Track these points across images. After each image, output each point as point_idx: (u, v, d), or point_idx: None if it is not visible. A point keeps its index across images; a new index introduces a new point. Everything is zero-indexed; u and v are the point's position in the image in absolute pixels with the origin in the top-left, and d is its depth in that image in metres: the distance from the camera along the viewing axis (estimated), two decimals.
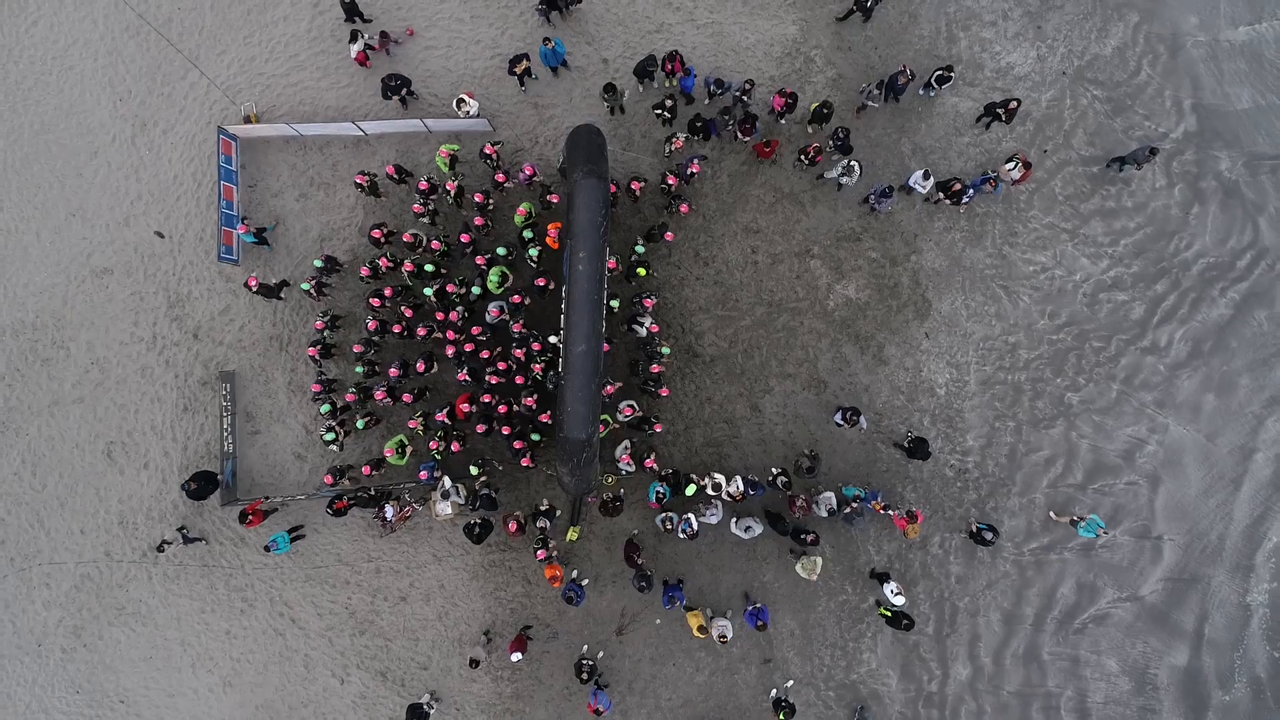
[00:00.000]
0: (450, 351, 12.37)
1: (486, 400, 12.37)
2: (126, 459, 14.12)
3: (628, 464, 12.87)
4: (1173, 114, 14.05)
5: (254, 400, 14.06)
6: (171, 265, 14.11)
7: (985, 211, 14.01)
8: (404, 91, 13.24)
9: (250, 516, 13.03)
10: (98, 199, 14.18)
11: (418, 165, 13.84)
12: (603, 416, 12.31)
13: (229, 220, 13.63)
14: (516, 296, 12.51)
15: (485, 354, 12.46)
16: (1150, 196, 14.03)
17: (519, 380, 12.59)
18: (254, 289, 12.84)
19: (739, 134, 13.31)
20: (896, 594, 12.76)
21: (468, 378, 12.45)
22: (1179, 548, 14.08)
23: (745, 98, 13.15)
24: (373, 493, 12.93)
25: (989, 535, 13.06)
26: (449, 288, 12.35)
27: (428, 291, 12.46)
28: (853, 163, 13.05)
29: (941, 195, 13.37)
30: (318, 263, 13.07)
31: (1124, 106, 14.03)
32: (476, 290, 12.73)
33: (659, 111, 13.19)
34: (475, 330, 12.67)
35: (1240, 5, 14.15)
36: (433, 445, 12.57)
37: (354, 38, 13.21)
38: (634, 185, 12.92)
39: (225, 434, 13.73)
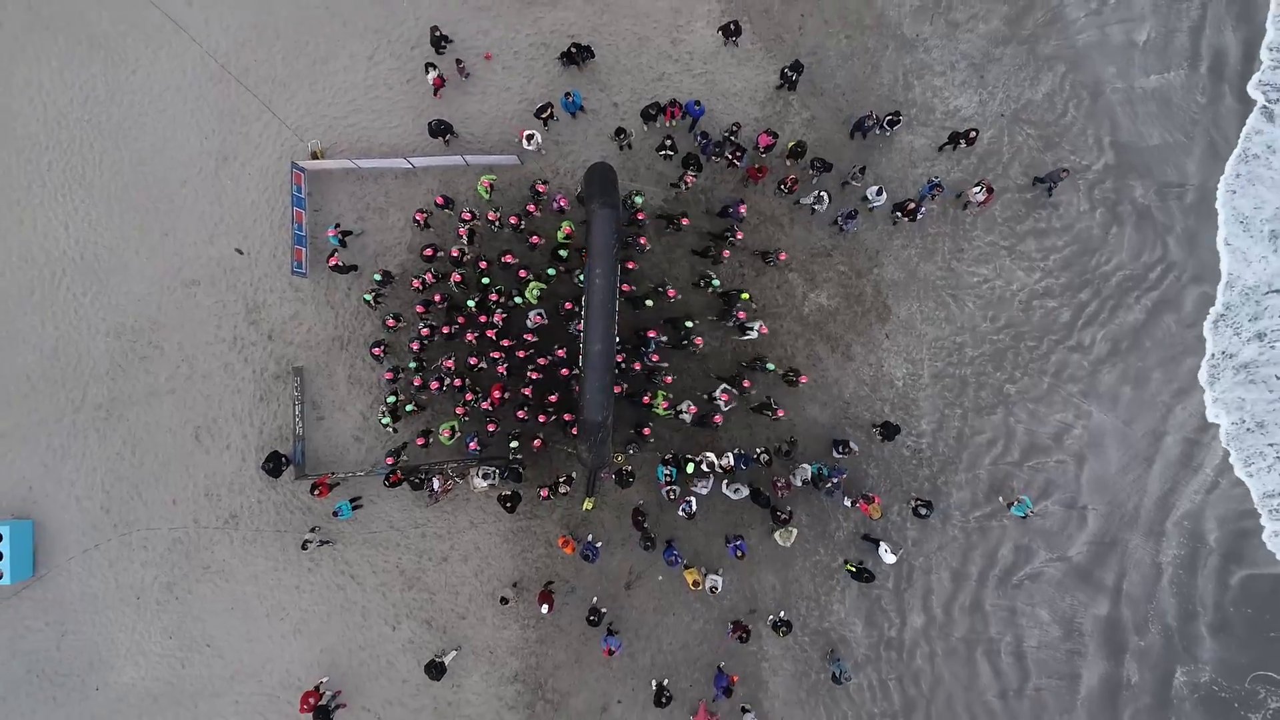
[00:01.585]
0: (495, 354, 15.11)
1: (527, 393, 15.02)
2: (211, 441, 16.72)
3: (726, 402, 15.35)
4: (1094, 149, 16.63)
5: (319, 391, 16.66)
6: (249, 277, 16.71)
7: (936, 231, 16.59)
8: (448, 134, 15.85)
9: (319, 489, 15.64)
10: (186, 221, 16.78)
11: (457, 193, 16.44)
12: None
13: (299, 240, 16.23)
14: (569, 303, 15.15)
15: (522, 354, 15.09)
16: (1076, 219, 16.62)
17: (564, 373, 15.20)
18: (332, 267, 15.59)
19: (731, 162, 15.90)
20: (888, 553, 15.38)
21: (506, 372, 15.07)
22: (1101, 516, 16.65)
23: (733, 136, 15.79)
24: (421, 476, 15.53)
25: (923, 510, 15.61)
26: (492, 296, 14.97)
27: (470, 303, 15.07)
28: (823, 192, 15.67)
29: (900, 215, 15.99)
30: (376, 276, 15.69)
31: (1053, 143, 16.61)
32: (518, 300, 15.34)
33: (662, 152, 15.79)
34: (509, 339, 15.37)
35: (1151, 56, 16.72)
36: (459, 410, 15.39)
37: (428, 69, 15.75)
38: (683, 220, 15.50)
39: (296, 420, 16.34)
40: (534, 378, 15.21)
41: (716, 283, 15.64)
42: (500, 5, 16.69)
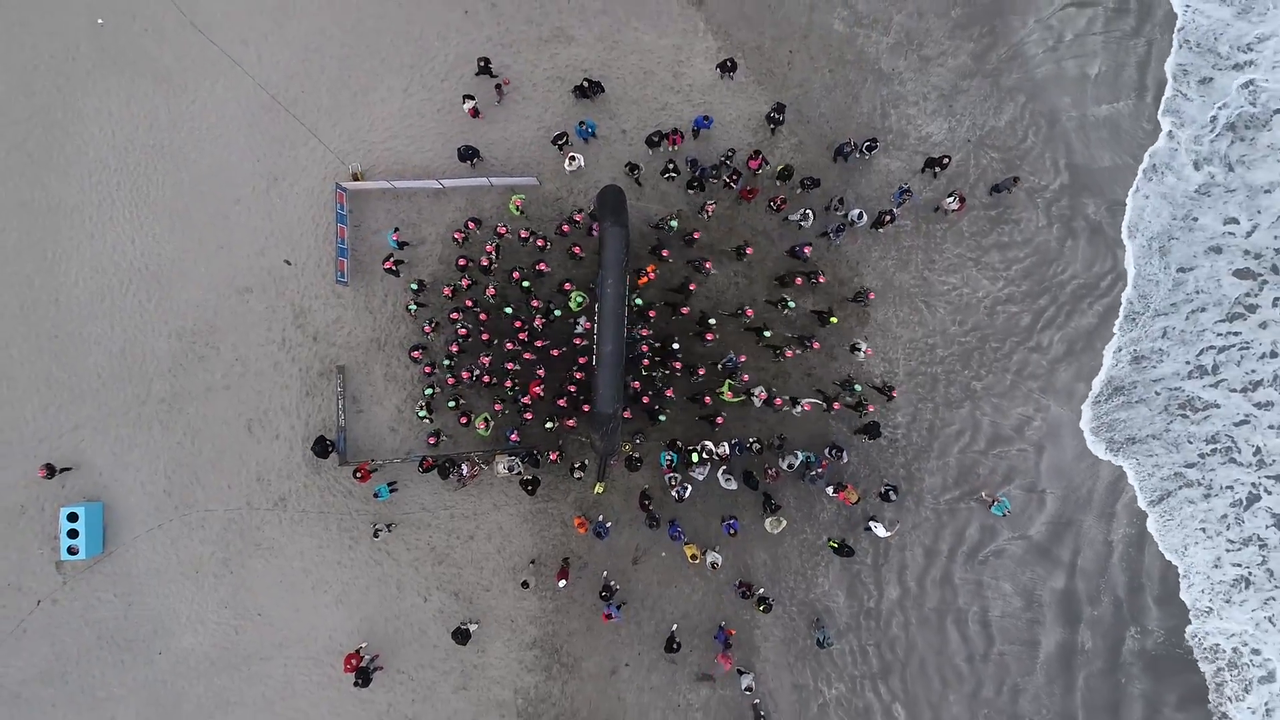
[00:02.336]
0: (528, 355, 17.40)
1: (572, 390, 17.35)
2: (262, 431, 18.70)
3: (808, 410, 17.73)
4: (1051, 171, 18.59)
5: (359, 387, 18.65)
6: (296, 286, 18.70)
7: (910, 245, 18.56)
8: (474, 158, 17.85)
9: (361, 474, 17.62)
10: (240, 235, 18.77)
11: (483, 210, 18.43)
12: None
13: (342, 252, 18.22)
14: (653, 312, 17.47)
15: (556, 353, 17.17)
16: (1035, 233, 18.58)
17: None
18: (385, 269, 17.70)
19: (728, 183, 17.88)
20: (879, 527, 17.48)
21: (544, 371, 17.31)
22: (1058, 499, 18.60)
23: (729, 160, 17.80)
24: (450, 463, 17.51)
25: (892, 495, 17.57)
26: (534, 303, 17.02)
27: (507, 310, 17.06)
28: (808, 210, 17.66)
29: (878, 227, 17.99)
30: (413, 286, 17.68)
31: (1015, 165, 18.57)
32: (558, 312, 17.35)
33: (666, 175, 17.79)
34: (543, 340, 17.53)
35: (1103, 88, 18.68)
36: (496, 406, 17.70)
37: (465, 99, 17.79)
38: (748, 249, 17.58)
39: (339, 413, 18.33)
40: (578, 377, 17.26)
41: (793, 304, 17.66)
42: (520, 42, 18.68)
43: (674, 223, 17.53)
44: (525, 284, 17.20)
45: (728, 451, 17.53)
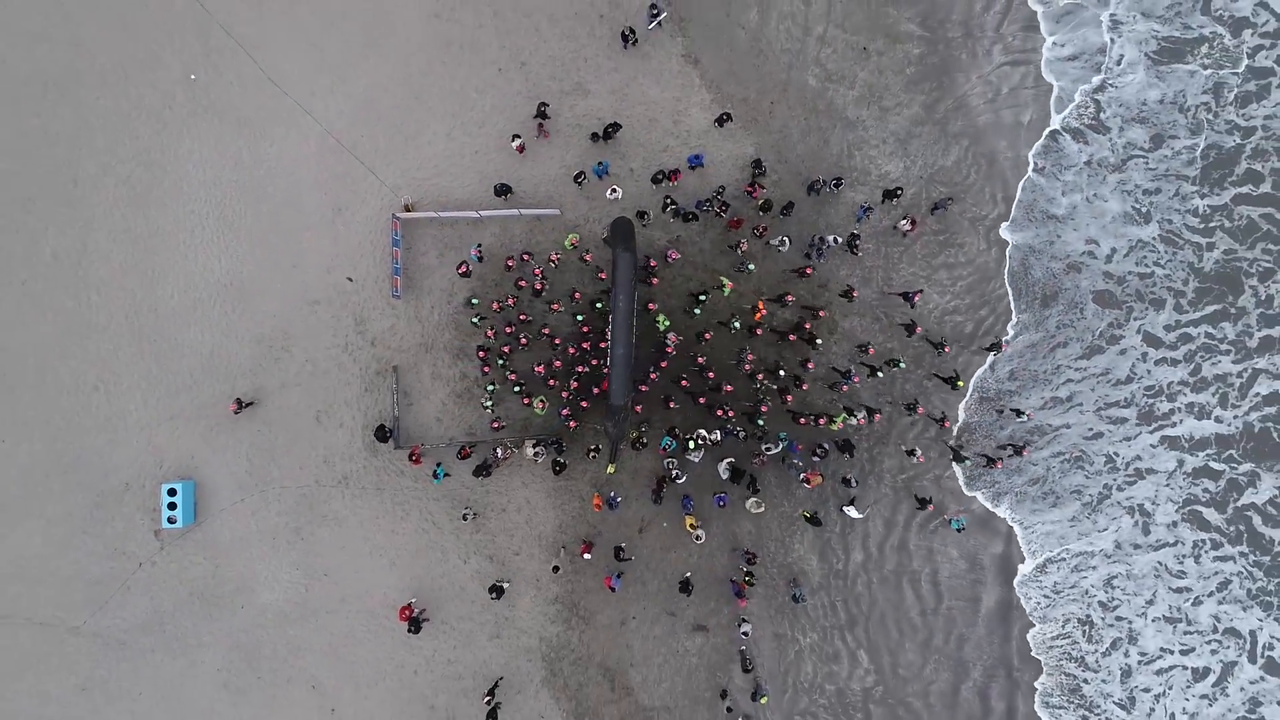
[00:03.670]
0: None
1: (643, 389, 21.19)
2: (329, 421, 22.26)
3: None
4: (990, 202, 22.16)
5: (409, 384, 22.22)
6: (358, 299, 22.26)
7: (872, 265, 22.11)
8: (507, 193, 21.45)
9: (414, 457, 21.19)
10: (310, 256, 22.34)
11: (513, 237, 21.99)
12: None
13: (396, 271, 21.78)
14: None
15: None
16: (976, 255, 22.15)
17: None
18: (461, 274, 21.36)
19: (718, 213, 21.45)
20: (852, 509, 20.92)
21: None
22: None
23: (720, 195, 21.38)
24: (483, 467, 21.08)
25: (853, 483, 21.08)
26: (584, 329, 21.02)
27: (579, 317, 21.09)
28: (785, 237, 21.24)
29: (849, 249, 21.55)
30: (474, 300, 21.35)
31: (960, 198, 22.12)
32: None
33: (667, 210, 21.39)
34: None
35: (1033, 133, 22.24)
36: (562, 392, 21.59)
37: (514, 138, 21.38)
38: (810, 268, 21.16)
39: (393, 405, 21.91)
40: (652, 377, 21.26)
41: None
42: (544, 95, 22.18)
43: (725, 281, 21.28)
44: (598, 304, 20.99)
45: (719, 438, 21.08)
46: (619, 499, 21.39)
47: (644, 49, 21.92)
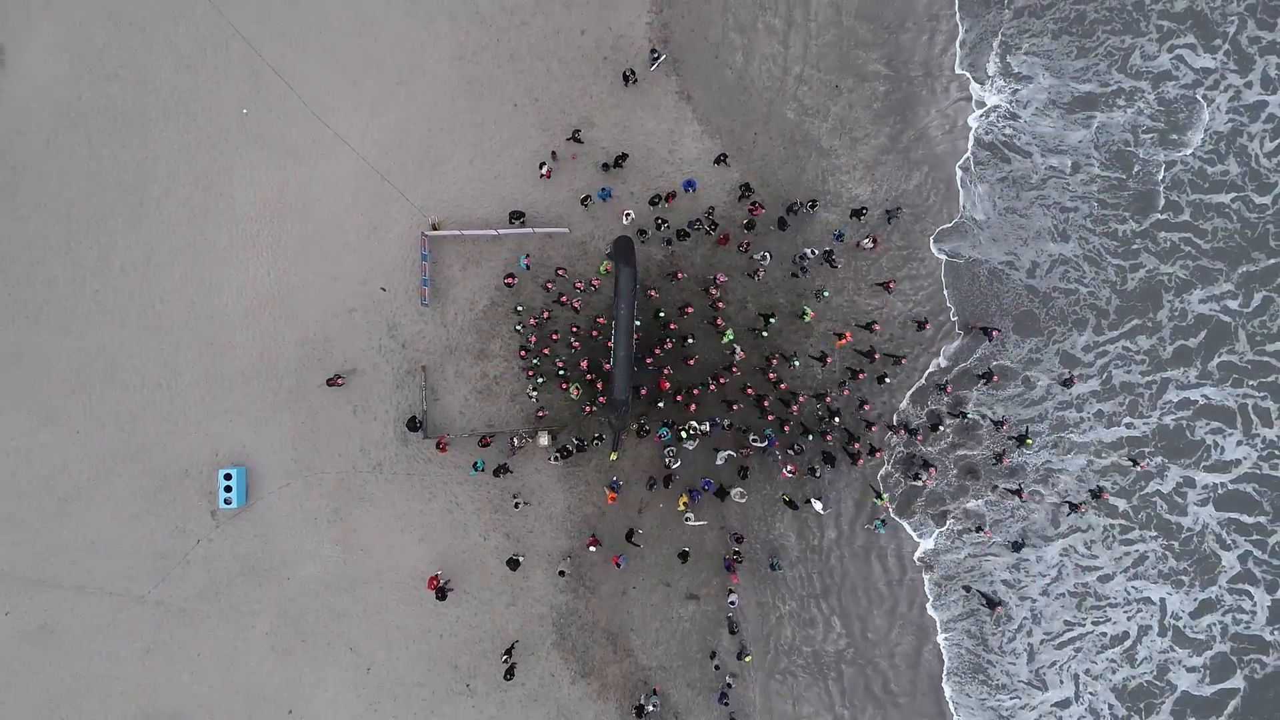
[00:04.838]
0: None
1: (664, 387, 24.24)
2: (365, 414, 25.24)
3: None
4: (947, 221, 25.17)
5: (436, 382, 25.22)
6: (390, 307, 25.25)
7: (844, 276, 25.12)
8: (520, 218, 24.45)
9: (441, 445, 24.17)
10: (348, 269, 25.33)
11: (547, 256, 24.94)
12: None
13: (425, 282, 24.78)
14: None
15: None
16: (935, 268, 25.16)
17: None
18: (507, 284, 24.33)
19: (708, 231, 24.46)
20: (817, 503, 23.86)
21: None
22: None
23: (710, 215, 24.38)
24: (502, 468, 24.04)
25: (817, 472, 24.06)
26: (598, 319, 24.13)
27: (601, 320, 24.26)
28: (766, 253, 24.25)
29: (825, 263, 24.55)
30: (519, 309, 24.38)
31: (921, 217, 25.14)
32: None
33: (661, 227, 24.39)
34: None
35: (965, 158, 25.31)
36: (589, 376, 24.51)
37: (542, 165, 24.33)
38: (892, 281, 24.31)
39: (422, 400, 24.89)
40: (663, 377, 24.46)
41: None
42: (555, 127, 25.19)
43: (772, 320, 24.42)
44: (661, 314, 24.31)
45: (708, 429, 24.07)
46: (621, 483, 24.36)
47: (643, 87, 24.94)
